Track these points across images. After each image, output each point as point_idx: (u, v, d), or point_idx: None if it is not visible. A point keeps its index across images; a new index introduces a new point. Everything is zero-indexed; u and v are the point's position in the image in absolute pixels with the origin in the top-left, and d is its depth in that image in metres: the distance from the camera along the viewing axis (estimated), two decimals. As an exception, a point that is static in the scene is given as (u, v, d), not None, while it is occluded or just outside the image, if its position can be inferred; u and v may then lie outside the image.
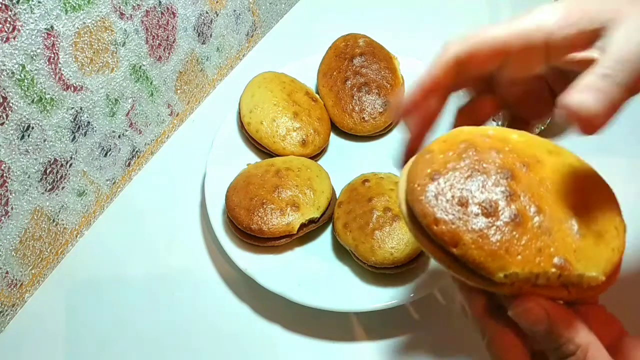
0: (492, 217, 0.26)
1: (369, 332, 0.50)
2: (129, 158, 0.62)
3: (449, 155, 0.28)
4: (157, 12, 0.57)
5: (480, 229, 0.26)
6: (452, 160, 0.28)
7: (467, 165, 0.28)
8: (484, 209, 0.26)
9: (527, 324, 0.26)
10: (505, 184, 0.27)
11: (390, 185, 0.52)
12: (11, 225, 0.50)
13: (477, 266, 0.26)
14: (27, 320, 0.53)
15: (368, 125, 0.60)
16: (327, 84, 0.62)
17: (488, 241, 0.25)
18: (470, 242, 0.26)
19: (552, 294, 0.26)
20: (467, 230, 0.26)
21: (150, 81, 0.60)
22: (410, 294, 0.48)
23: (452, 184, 0.27)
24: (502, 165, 0.28)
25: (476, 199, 0.26)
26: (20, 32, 0.44)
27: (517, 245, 0.25)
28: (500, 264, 0.25)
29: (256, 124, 0.58)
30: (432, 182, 0.27)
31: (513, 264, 0.25)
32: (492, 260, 0.25)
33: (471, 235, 0.26)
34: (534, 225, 0.26)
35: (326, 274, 0.51)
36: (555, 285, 0.26)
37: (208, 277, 0.55)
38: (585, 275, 0.26)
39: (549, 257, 0.26)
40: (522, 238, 0.26)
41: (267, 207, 0.50)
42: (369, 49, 0.63)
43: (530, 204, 0.26)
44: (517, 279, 0.26)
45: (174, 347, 0.51)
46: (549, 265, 0.26)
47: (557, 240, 0.26)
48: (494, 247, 0.25)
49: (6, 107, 0.45)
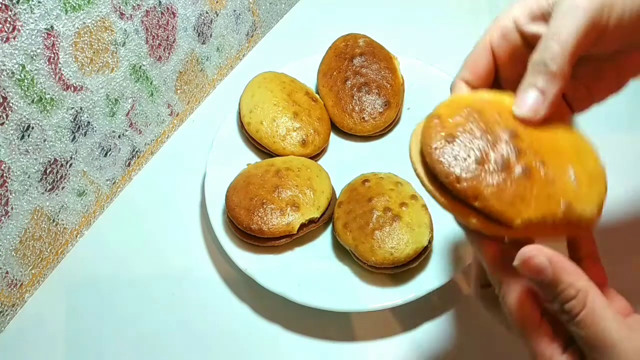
0: (506, 171, 0.30)
1: (369, 332, 0.50)
2: (129, 158, 0.62)
3: (457, 120, 0.31)
4: (157, 12, 0.57)
5: (497, 183, 0.30)
6: (461, 124, 0.31)
7: (475, 127, 0.31)
8: (499, 166, 0.30)
9: (531, 273, 0.28)
10: (512, 143, 0.31)
11: (390, 185, 0.52)
12: (11, 225, 0.50)
13: (497, 215, 0.29)
14: (27, 320, 0.53)
15: (368, 125, 0.60)
16: (327, 84, 0.62)
17: (505, 193, 0.29)
18: (490, 195, 0.29)
19: (558, 233, 0.31)
20: (486, 185, 0.30)
21: (150, 81, 0.60)
22: (410, 294, 0.48)
23: (466, 145, 0.31)
24: (505, 125, 0.31)
25: (490, 157, 0.30)
26: (20, 32, 0.44)
27: (530, 194, 0.30)
28: (517, 210, 0.29)
29: (256, 124, 0.58)
30: (448, 145, 0.31)
31: (527, 210, 0.29)
32: (510, 209, 0.29)
33: (491, 188, 0.30)
34: (541, 177, 0.30)
35: (326, 274, 0.51)
36: (560, 225, 0.30)
37: (208, 277, 0.55)
38: (584, 214, 0.31)
39: (556, 203, 0.30)
40: (533, 188, 0.30)
41: (267, 207, 0.50)
42: (369, 49, 0.63)
43: (535, 159, 0.30)
44: (531, 223, 0.30)
45: (174, 347, 0.51)
46: (556, 209, 0.30)
47: (560, 188, 0.30)
48: (511, 198, 0.29)
49: (6, 107, 0.45)
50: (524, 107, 0.31)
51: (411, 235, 0.48)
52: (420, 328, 0.50)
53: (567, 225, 0.31)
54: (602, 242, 0.34)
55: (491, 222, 0.30)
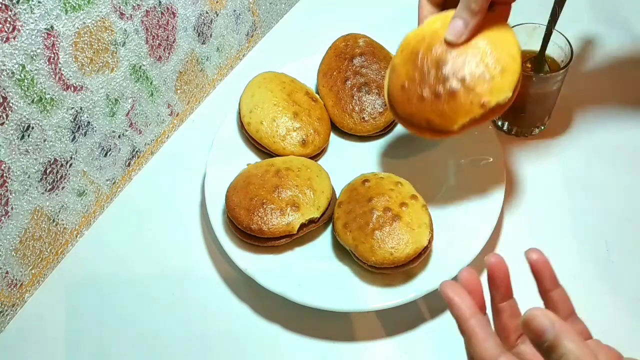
0: (439, 97, 0.43)
1: (369, 332, 0.50)
2: (129, 158, 0.62)
3: (407, 68, 0.45)
4: (157, 12, 0.57)
5: (437, 107, 0.43)
6: (409, 71, 0.45)
7: (417, 69, 0.44)
8: (433, 95, 0.43)
9: (532, 333, 0.27)
10: (439, 72, 0.43)
11: (390, 185, 0.52)
12: (11, 225, 0.50)
13: (441, 127, 0.43)
14: (27, 320, 0.53)
15: (368, 125, 0.60)
16: (327, 84, 0.62)
17: (442, 111, 0.43)
18: (434, 114, 0.43)
19: (486, 120, 0.43)
20: (430, 111, 0.43)
21: (150, 81, 0.60)
22: (410, 294, 0.48)
23: (414, 86, 0.44)
24: (436, 59, 0.43)
25: (427, 90, 0.43)
26: (20, 32, 0.44)
27: (458, 105, 0.42)
28: (453, 120, 0.43)
29: (256, 124, 0.58)
30: (402, 90, 0.45)
31: (460, 117, 0.43)
32: (447, 122, 0.43)
33: (434, 112, 0.43)
34: (463, 90, 0.42)
35: (326, 274, 0.51)
36: (485, 114, 0.42)
37: (208, 277, 0.55)
38: (500, 102, 0.42)
39: (478, 104, 0.42)
40: (459, 100, 0.42)
41: (267, 207, 0.50)
42: (369, 49, 0.63)
43: (457, 77, 0.42)
44: (464, 125, 0.43)
45: (174, 347, 0.51)
46: (479, 108, 0.42)
47: (478, 90, 0.42)
48: (448, 112, 0.43)
49: (6, 107, 0.45)
50: (451, 33, 0.42)
51: (411, 235, 0.48)
52: (420, 328, 0.50)
53: (491, 113, 0.42)
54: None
55: (439, 133, 0.44)
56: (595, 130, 0.62)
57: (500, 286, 0.34)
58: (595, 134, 0.61)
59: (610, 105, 0.64)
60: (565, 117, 0.63)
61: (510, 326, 0.35)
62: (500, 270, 0.34)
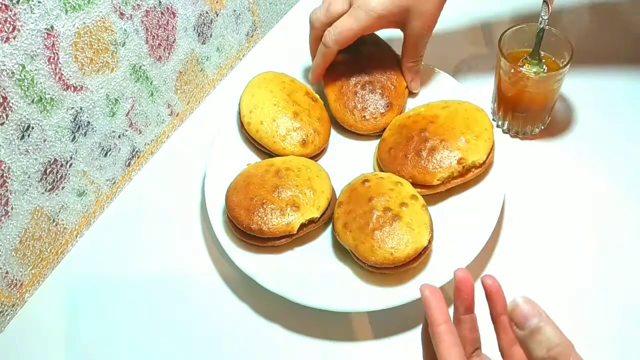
0: (420, 157, 0.53)
1: (369, 332, 0.50)
2: (129, 158, 0.62)
3: (394, 137, 0.56)
4: (157, 12, 0.57)
5: (419, 164, 0.53)
6: (396, 139, 0.56)
7: (402, 136, 0.55)
8: (415, 154, 0.53)
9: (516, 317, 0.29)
10: (423, 137, 0.54)
11: (390, 185, 0.52)
12: (11, 225, 0.50)
13: (422, 182, 0.53)
14: (27, 320, 0.53)
15: (369, 125, 0.60)
16: (331, 76, 0.62)
17: (424, 169, 0.53)
18: (416, 172, 0.53)
19: (464, 177, 0.53)
20: (412, 167, 0.53)
21: (150, 81, 0.60)
22: (410, 294, 0.48)
23: (399, 148, 0.55)
24: (420, 128, 0.55)
25: (410, 152, 0.54)
26: (20, 32, 0.44)
27: (437, 163, 0.52)
28: (433, 176, 0.52)
29: (256, 124, 0.58)
30: (389, 153, 0.55)
31: (439, 174, 0.52)
32: (427, 176, 0.52)
33: (416, 169, 0.53)
34: (442, 150, 0.52)
35: (326, 274, 0.51)
36: (462, 172, 0.53)
37: (208, 277, 0.55)
38: (476, 161, 0.52)
39: (456, 160, 0.52)
40: (437, 158, 0.52)
41: (267, 207, 0.50)
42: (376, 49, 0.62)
43: (437, 141, 0.53)
44: (444, 180, 0.52)
45: (174, 347, 0.51)
46: (455, 165, 0.52)
47: (456, 150, 0.52)
48: (429, 169, 0.52)
49: (6, 107, 0.45)
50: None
51: (411, 235, 0.48)
52: (420, 328, 0.50)
53: (468, 171, 0.53)
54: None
55: (421, 187, 0.53)
56: (595, 130, 0.62)
57: (465, 299, 0.35)
58: (595, 134, 0.61)
59: (610, 105, 0.64)
60: (565, 117, 0.63)
61: (468, 338, 0.36)
62: (467, 285, 0.35)
